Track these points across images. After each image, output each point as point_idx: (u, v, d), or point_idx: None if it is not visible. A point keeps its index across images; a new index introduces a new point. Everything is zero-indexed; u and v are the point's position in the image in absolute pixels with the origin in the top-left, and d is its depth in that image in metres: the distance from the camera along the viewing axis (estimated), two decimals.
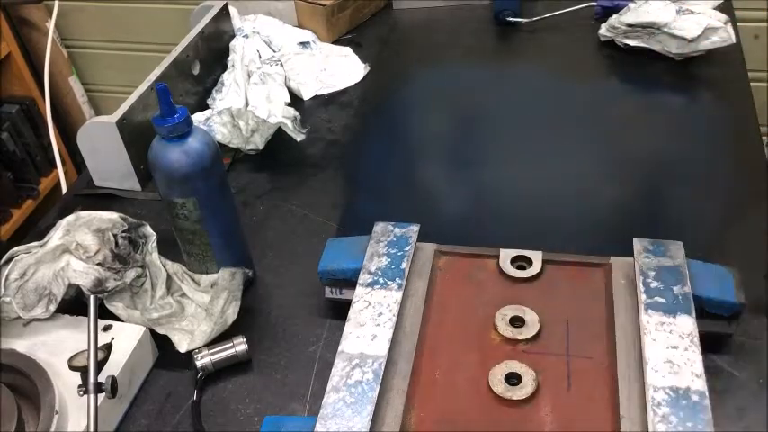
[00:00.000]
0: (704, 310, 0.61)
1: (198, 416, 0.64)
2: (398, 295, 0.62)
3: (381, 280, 0.64)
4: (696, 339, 0.56)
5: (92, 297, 0.63)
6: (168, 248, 0.74)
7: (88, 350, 0.59)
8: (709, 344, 0.61)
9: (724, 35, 0.99)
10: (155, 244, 0.72)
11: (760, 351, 0.64)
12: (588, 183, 0.86)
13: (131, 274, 0.69)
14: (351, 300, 0.63)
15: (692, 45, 1.00)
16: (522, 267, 0.66)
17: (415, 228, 0.69)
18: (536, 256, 0.67)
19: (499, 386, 0.56)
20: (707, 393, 0.52)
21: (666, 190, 0.84)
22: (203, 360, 0.66)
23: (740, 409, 0.60)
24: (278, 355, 0.69)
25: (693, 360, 0.54)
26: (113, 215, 0.72)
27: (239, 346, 0.67)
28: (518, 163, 0.91)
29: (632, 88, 1.03)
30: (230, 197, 0.73)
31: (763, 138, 1.04)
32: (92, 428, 0.56)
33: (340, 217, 0.85)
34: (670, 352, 0.55)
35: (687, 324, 0.57)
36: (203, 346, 0.66)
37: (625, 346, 0.58)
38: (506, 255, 0.67)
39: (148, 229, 0.74)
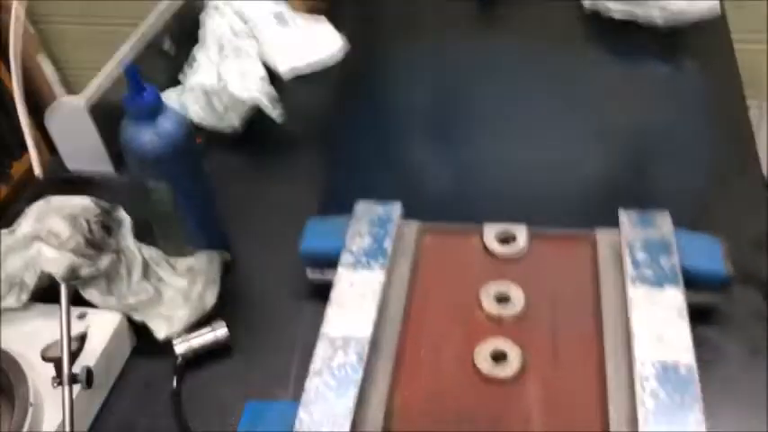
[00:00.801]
0: (692, 281, 0.60)
1: (179, 403, 0.62)
2: (381, 275, 0.61)
3: (364, 260, 0.62)
4: (684, 312, 0.55)
5: (63, 286, 0.61)
6: (144, 233, 0.71)
7: (61, 341, 0.57)
8: (697, 315, 0.61)
9: (710, 5, 0.98)
10: (129, 228, 0.70)
11: (747, 322, 0.63)
12: (573, 155, 0.85)
13: (106, 260, 0.67)
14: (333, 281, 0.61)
15: (677, 15, 0.98)
16: (506, 242, 0.65)
17: (398, 205, 0.67)
18: (520, 231, 0.65)
19: (485, 364, 0.55)
20: (695, 366, 0.51)
21: (652, 160, 0.84)
22: (182, 346, 0.64)
23: (728, 380, 0.59)
24: (259, 339, 0.68)
25: (681, 333, 0.54)
26: (86, 200, 0.70)
27: (219, 330, 0.66)
28: (502, 137, 0.89)
29: (617, 59, 1.02)
30: (205, 178, 0.71)
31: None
32: (68, 420, 0.55)
33: (321, 196, 0.83)
34: (658, 325, 0.54)
35: (675, 296, 0.56)
36: (182, 332, 0.65)
37: (612, 320, 0.58)
38: (490, 230, 0.66)
39: (122, 214, 0.71)
